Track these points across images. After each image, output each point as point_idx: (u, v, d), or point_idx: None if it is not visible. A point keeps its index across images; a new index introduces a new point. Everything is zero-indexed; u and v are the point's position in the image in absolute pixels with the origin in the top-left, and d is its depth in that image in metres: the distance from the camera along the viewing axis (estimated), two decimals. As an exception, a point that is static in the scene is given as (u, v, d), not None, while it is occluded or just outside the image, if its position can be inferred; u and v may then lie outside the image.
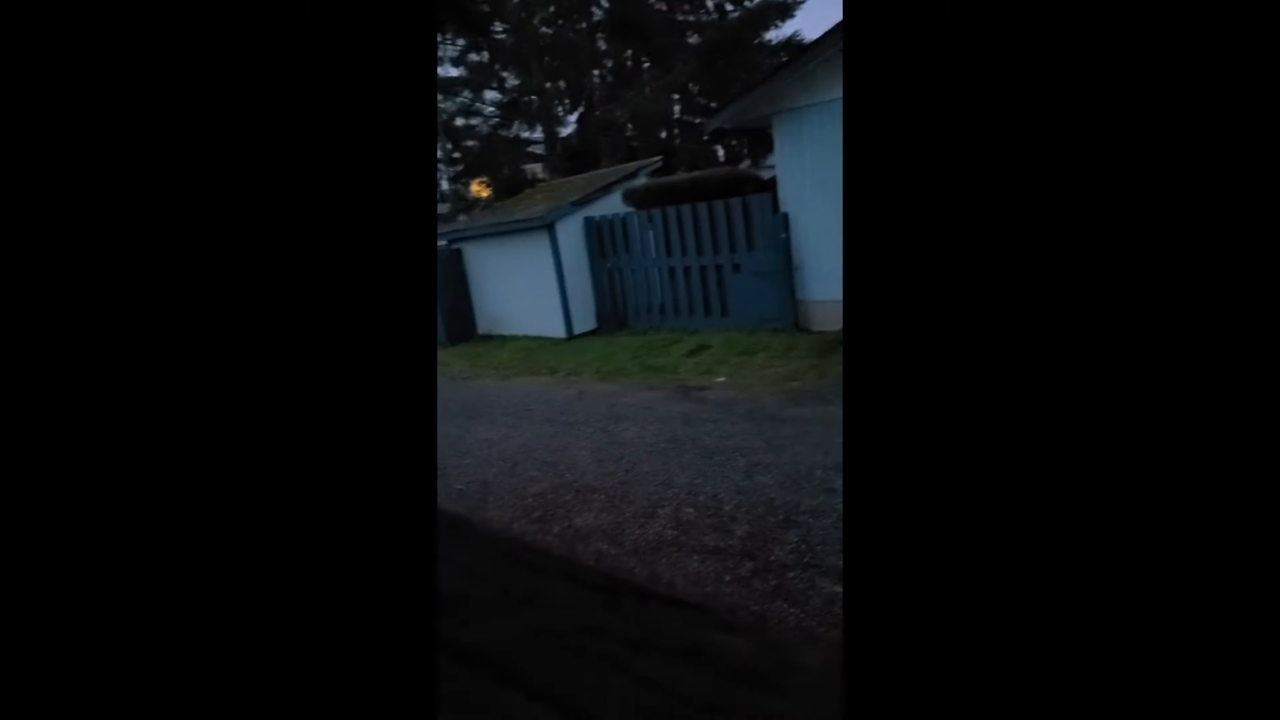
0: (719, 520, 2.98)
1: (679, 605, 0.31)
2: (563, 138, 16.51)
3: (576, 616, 0.29)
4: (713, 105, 14.56)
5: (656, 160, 10.06)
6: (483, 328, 9.58)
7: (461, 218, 13.25)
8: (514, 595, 0.31)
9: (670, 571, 2.55)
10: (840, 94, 5.87)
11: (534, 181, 14.45)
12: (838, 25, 6.06)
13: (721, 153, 16.40)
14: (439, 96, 15.69)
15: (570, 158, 15.43)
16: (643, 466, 3.79)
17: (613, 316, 8.47)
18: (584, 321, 8.57)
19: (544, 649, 0.25)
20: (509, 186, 14.79)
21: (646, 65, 15.93)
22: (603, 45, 16.10)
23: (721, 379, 5.58)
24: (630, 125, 14.99)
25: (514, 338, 8.96)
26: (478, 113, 16.88)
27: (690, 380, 5.67)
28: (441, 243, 10.00)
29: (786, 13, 14.67)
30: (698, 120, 15.30)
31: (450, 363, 8.04)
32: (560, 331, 8.48)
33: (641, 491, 3.44)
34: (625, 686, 0.23)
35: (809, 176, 6.41)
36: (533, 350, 8.02)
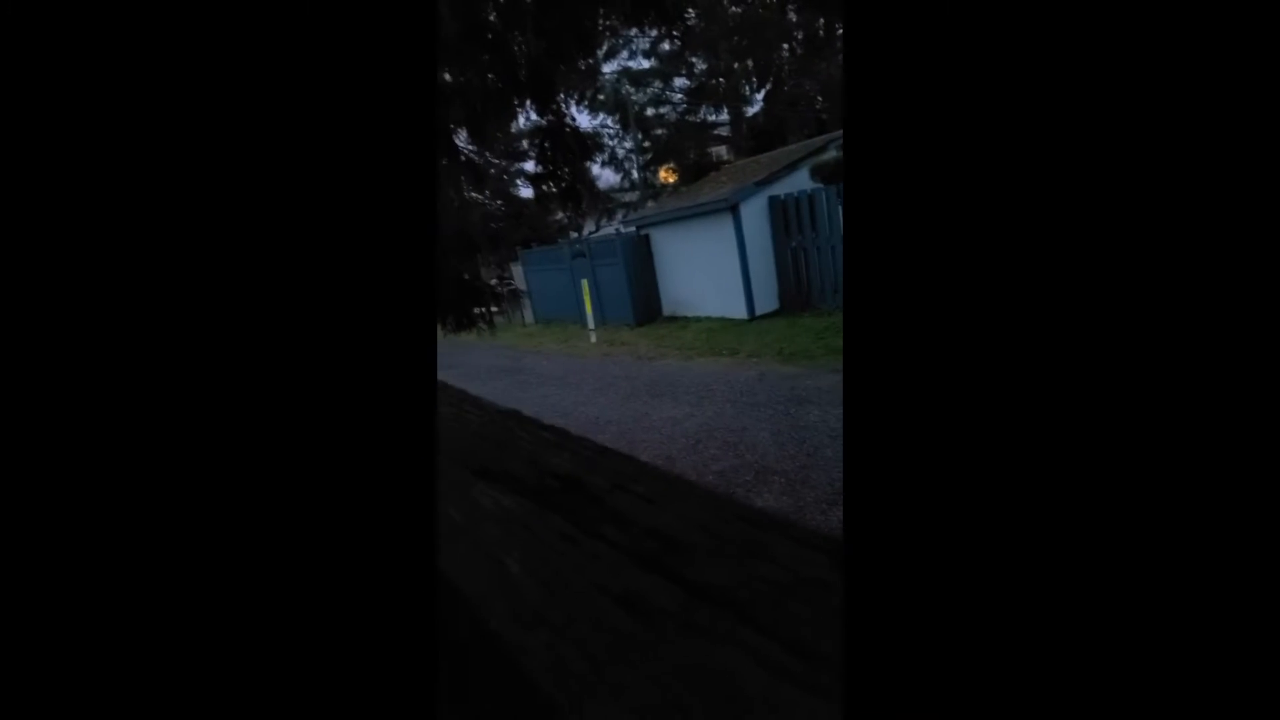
0: (911, 514, 2.78)
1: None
2: (749, 118, 16.24)
3: (800, 570, 0.30)
4: (916, 66, 13.20)
5: (849, 132, 9.44)
6: (668, 309, 9.88)
7: (650, 204, 13.72)
8: (737, 546, 0.33)
9: (854, 561, 2.44)
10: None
11: (719, 164, 14.44)
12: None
13: (925, 118, 14.89)
14: (631, 89, 16.32)
15: (756, 137, 15.13)
16: (826, 452, 3.66)
17: (796, 297, 8.21)
18: (766, 302, 8.43)
19: (771, 595, 0.27)
20: (695, 170, 14.97)
21: (840, 31, 14.98)
22: (793, 17, 15.44)
23: (918, 365, 5.13)
24: (820, 98, 14.26)
25: (697, 319, 9.11)
26: (666, 101, 17.28)
27: (881, 366, 5.30)
28: (630, 229, 10.47)
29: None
30: (898, 84, 13.98)
31: (636, 343, 8.43)
32: (742, 312, 8.44)
33: (824, 477, 3.33)
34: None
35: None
36: (715, 331, 8.10)
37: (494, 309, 4.45)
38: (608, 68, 16.00)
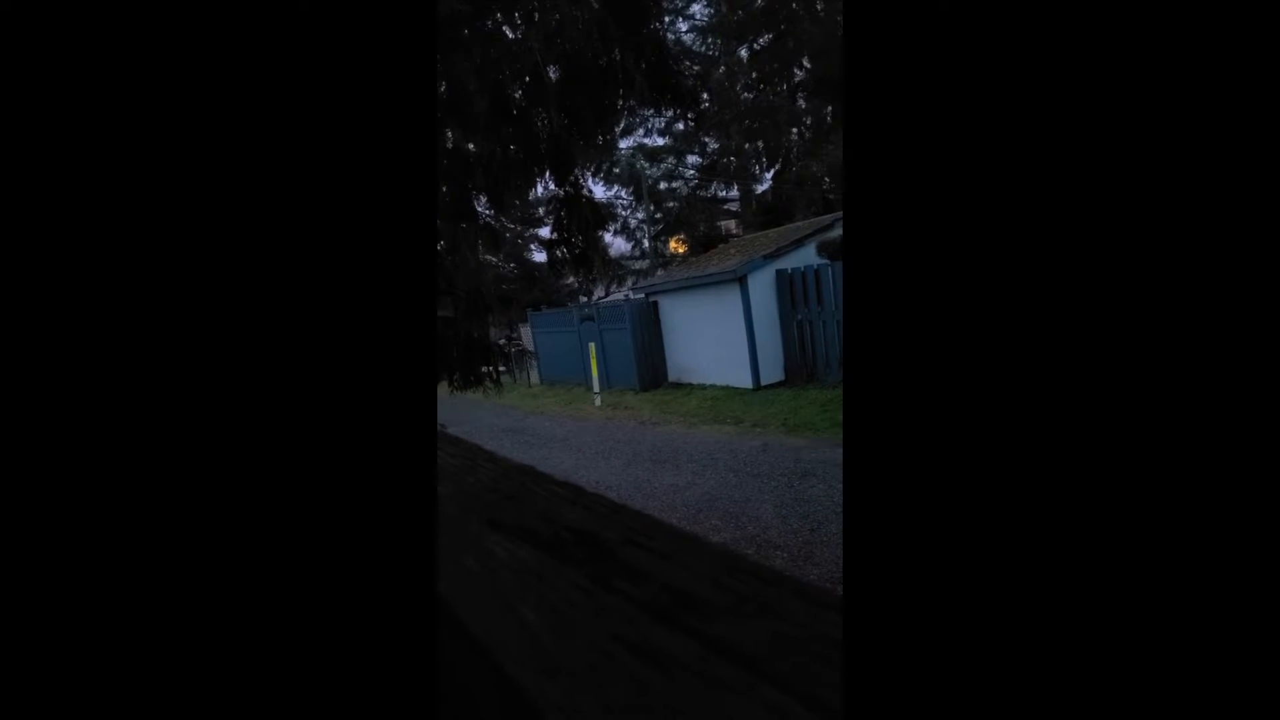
0: (917, 596, 2.70)
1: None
2: (758, 194, 16.85)
3: (812, 627, 0.30)
4: (919, 153, 13.76)
5: (855, 212, 9.73)
6: (673, 376, 9.92)
7: (659, 272, 14.05)
8: (751, 603, 0.33)
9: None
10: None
11: (728, 237, 14.89)
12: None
13: (928, 202, 15.41)
14: (645, 164, 17.05)
15: (764, 213, 15.65)
16: (830, 527, 3.59)
17: (802, 369, 8.25)
18: (772, 373, 8.47)
19: (785, 650, 0.27)
20: (705, 242, 15.41)
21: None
22: (802, 104, 16.29)
23: (923, 442, 5.10)
24: (827, 179, 14.82)
25: (702, 386, 9.13)
26: (679, 176, 18.02)
27: (886, 441, 5.26)
28: (639, 295, 10.67)
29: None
30: (901, 170, 14.56)
31: (640, 408, 8.43)
32: (747, 382, 8.47)
33: (828, 554, 3.25)
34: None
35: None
36: (719, 399, 8.10)
37: (501, 368, 4.49)
38: (624, 143, 16.80)
